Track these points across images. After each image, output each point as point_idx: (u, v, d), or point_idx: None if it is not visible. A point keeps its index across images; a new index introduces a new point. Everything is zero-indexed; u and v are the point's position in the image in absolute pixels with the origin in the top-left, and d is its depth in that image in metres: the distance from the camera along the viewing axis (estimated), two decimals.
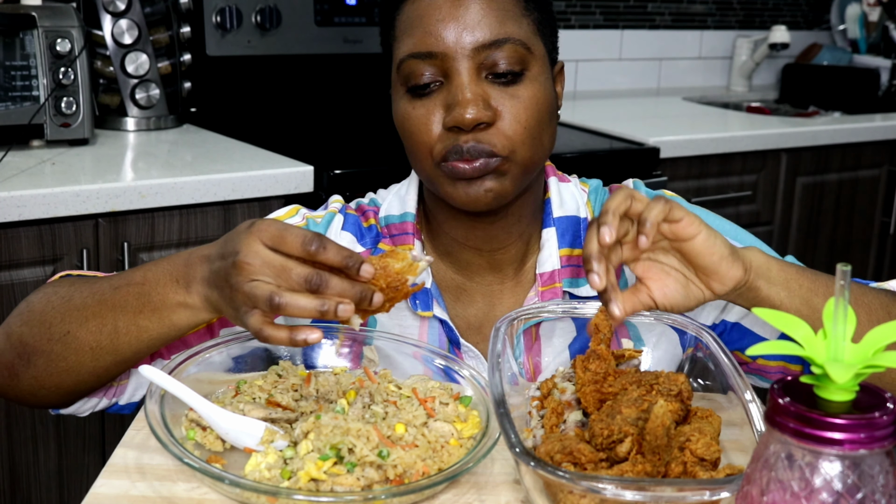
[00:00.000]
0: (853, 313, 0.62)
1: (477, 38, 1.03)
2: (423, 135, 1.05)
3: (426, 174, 1.08)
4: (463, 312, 1.16)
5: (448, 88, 1.04)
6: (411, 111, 1.06)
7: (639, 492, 0.72)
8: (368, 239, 1.17)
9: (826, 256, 3.02)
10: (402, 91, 1.07)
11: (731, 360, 0.91)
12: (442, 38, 1.03)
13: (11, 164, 1.88)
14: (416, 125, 1.05)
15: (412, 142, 1.07)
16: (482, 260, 1.15)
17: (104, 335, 0.99)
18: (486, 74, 1.04)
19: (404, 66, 1.05)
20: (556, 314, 1.04)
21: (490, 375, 0.87)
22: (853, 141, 2.94)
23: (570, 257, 1.14)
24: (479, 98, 1.02)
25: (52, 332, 1.00)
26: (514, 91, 1.04)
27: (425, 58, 1.04)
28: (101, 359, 1.00)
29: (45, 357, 1.01)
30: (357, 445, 0.83)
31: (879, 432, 0.57)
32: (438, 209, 1.14)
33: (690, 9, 3.59)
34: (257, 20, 2.45)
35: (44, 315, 1.02)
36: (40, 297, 1.04)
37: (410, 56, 1.05)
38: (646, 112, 3.10)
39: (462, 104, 1.02)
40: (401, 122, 1.08)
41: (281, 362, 1.02)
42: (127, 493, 0.83)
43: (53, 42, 1.99)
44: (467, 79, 1.03)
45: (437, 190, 1.08)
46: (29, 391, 1.04)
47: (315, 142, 2.32)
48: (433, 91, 1.05)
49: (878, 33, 3.73)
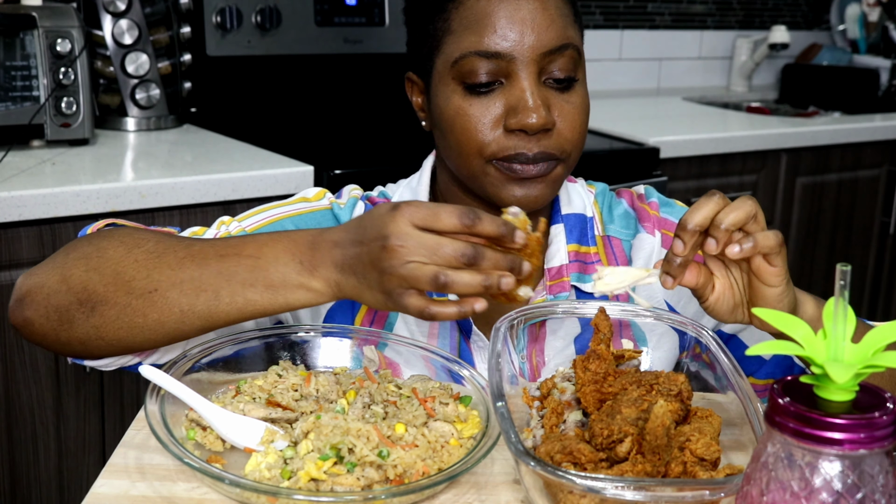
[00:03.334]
0: (853, 313, 0.62)
1: (544, 43, 1.04)
2: (479, 133, 1.05)
3: (470, 170, 1.08)
4: None
5: (510, 90, 1.04)
6: (467, 108, 1.05)
7: (639, 492, 0.72)
8: None
9: (826, 256, 3.02)
10: (456, 85, 1.06)
11: (731, 360, 0.91)
12: (511, 39, 1.03)
13: (11, 164, 1.88)
14: (471, 123, 1.05)
15: (464, 138, 1.06)
16: None
17: (201, 301, 0.94)
18: (546, 79, 1.05)
19: (465, 63, 1.04)
20: (557, 314, 1.04)
21: (490, 375, 0.87)
22: (853, 141, 2.94)
23: (578, 253, 1.16)
24: (544, 103, 1.04)
25: (134, 286, 0.95)
26: (568, 97, 1.07)
27: (490, 57, 1.03)
28: (188, 323, 0.94)
29: (119, 309, 0.95)
30: (357, 445, 0.83)
31: (879, 432, 0.57)
32: (457, 201, 1.14)
33: (690, 9, 3.59)
34: (257, 20, 2.45)
35: (122, 265, 0.96)
36: (114, 244, 0.98)
37: (475, 53, 1.04)
38: (646, 112, 3.10)
39: (529, 109, 1.03)
40: (451, 117, 1.07)
41: (281, 362, 1.02)
42: (127, 493, 0.83)
43: (54, 42, 1.99)
44: (532, 83, 1.04)
45: (481, 187, 1.08)
46: (81, 340, 0.98)
47: (315, 142, 2.32)
48: (493, 90, 1.05)
49: (877, 33, 3.73)
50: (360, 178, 2.03)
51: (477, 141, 1.05)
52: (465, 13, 1.05)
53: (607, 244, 1.18)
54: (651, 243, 1.18)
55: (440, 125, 1.09)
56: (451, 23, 1.06)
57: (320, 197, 1.19)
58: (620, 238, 1.18)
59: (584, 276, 1.15)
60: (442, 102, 1.08)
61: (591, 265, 1.16)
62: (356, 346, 1.06)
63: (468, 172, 1.08)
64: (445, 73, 1.07)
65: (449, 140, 1.08)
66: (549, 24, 1.04)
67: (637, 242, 1.18)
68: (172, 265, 0.95)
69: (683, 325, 0.99)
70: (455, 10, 1.06)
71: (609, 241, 1.18)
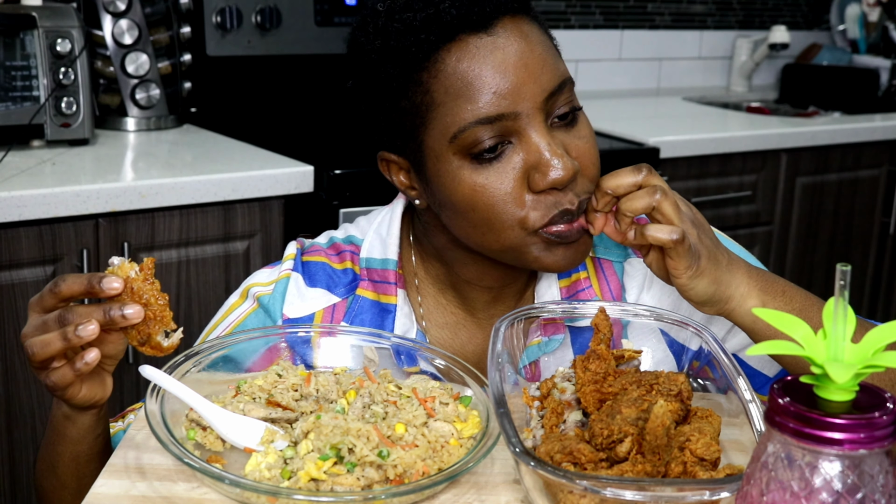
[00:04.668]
0: (853, 313, 0.62)
1: (545, 87, 0.96)
2: (508, 206, 0.96)
3: (507, 242, 0.98)
4: (461, 349, 1.13)
5: (522, 148, 0.96)
6: (484, 182, 0.96)
7: (639, 492, 0.72)
8: (342, 286, 1.10)
9: (826, 256, 3.02)
10: (460, 161, 0.96)
11: (731, 360, 0.91)
12: (512, 96, 0.94)
13: (11, 164, 1.88)
14: (495, 197, 0.95)
15: (493, 215, 0.96)
16: (489, 296, 1.11)
17: (50, 476, 1.03)
18: (551, 122, 0.97)
19: (466, 136, 0.94)
20: (556, 314, 1.04)
21: (490, 375, 0.87)
22: (853, 141, 2.94)
23: (569, 287, 1.12)
24: (562, 150, 0.96)
25: (37, 492, 1.07)
26: (577, 132, 0.99)
27: (494, 121, 0.94)
28: (63, 498, 1.03)
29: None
30: (357, 445, 0.83)
31: (879, 432, 0.57)
32: (453, 257, 1.08)
33: (690, 9, 3.59)
34: (257, 20, 2.45)
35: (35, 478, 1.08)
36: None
37: (476, 123, 0.94)
38: (646, 112, 3.10)
39: (552, 164, 0.94)
40: (468, 196, 0.96)
41: (281, 362, 1.02)
42: (127, 493, 0.83)
43: (54, 42, 1.99)
44: (543, 133, 0.96)
45: (520, 258, 1.00)
46: None
47: (315, 142, 2.33)
48: (503, 153, 0.96)
49: (877, 33, 3.73)
50: (360, 178, 2.04)
51: (510, 214, 0.96)
52: (447, 81, 0.94)
53: (598, 267, 1.13)
54: (643, 268, 1.12)
55: (453, 206, 0.98)
56: (434, 94, 0.95)
57: (245, 297, 1.13)
58: (612, 259, 1.13)
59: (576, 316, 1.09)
60: (449, 182, 0.97)
61: (583, 292, 1.11)
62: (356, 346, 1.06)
63: (502, 246, 0.99)
64: (443, 150, 0.97)
65: (471, 219, 0.98)
66: (542, 66, 0.96)
67: (629, 268, 1.13)
68: (40, 465, 1.06)
69: (684, 325, 0.99)
70: (434, 79, 0.95)
71: (599, 263, 1.13)
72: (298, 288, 1.10)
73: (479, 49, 0.94)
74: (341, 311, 1.10)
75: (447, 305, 1.13)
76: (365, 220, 1.16)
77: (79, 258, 1.80)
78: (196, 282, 1.95)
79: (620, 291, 1.12)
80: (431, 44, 0.95)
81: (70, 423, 0.99)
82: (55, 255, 1.79)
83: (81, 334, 0.87)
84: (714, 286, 0.97)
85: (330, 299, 1.10)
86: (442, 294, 1.13)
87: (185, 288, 1.93)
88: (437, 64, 0.95)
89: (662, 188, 0.96)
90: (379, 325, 1.09)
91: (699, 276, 0.96)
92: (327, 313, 1.10)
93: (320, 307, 1.10)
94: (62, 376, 0.91)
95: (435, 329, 1.13)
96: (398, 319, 1.09)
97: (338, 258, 1.12)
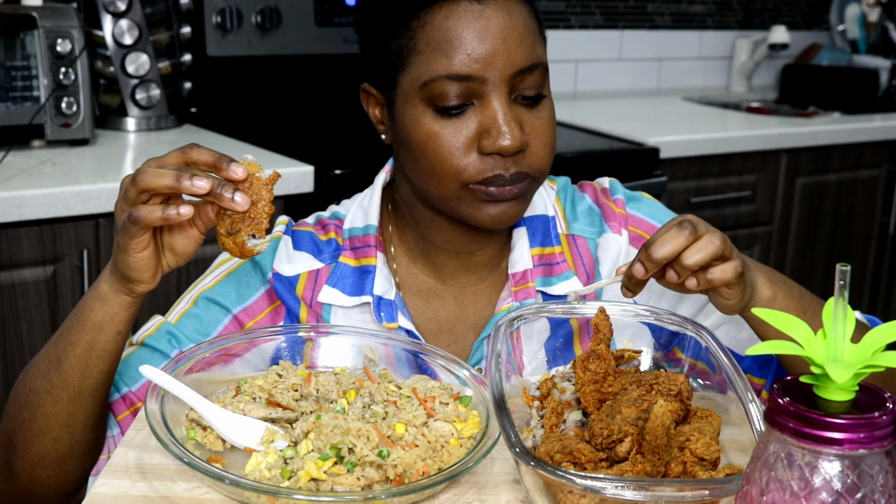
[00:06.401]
0: (852, 313, 0.62)
1: (515, 62, 1.02)
2: (453, 157, 1.03)
3: (443, 192, 1.06)
4: (434, 315, 1.16)
5: (481, 111, 1.03)
6: (439, 131, 1.03)
7: (639, 492, 0.72)
8: (327, 253, 1.16)
9: (825, 256, 3.02)
10: (425, 107, 1.04)
11: (731, 360, 0.92)
12: (482, 61, 1.01)
13: (12, 164, 1.88)
14: (444, 147, 1.03)
15: (437, 161, 1.04)
16: (457, 262, 1.15)
17: (52, 371, 1.00)
18: (515, 96, 1.04)
19: (435, 86, 1.02)
20: (556, 314, 1.04)
21: (490, 375, 0.87)
22: (853, 141, 2.94)
23: (542, 256, 1.15)
24: (516, 123, 1.03)
25: (20, 400, 1.03)
26: (537, 113, 1.05)
27: (462, 80, 1.01)
28: (58, 400, 1.00)
29: (22, 428, 1.03)
30: (357, 445, 0.83)
31: (879, 432, 0.57)
32: (419, 214, 1.14)
33: (690, 9, 3.59)
34: (257, 20, 2.45)
35: (14, 391, 1.05)
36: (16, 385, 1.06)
37: (446, 77, 1.02)
38: (646, 112, 3.10)
39: (503, 131, 1.01)
40: (422, 140, 1.04)
41: (281, 362, 1.02)
42: (127, 493, 0.83)
43: (54, 42, 1.99)
44: (503, 104, 1.02)
45: (454, 209, 1.07)
46: (25, 479, 1.04)
47: (315, 142, 2.33)
48: (464, 112, 1.03)
49: (877, 33, 3.73)
50: (360, 178, 2.03)
51: (452, 165, 1.03)
52: (431, 33, 1.02)
53: (572, 243, 1.17)
54: (618, 243, 1.17)
55: (409, 146, 1.07)
56: (418, 42, 1.03)
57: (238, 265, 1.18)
58: (585, 236, 1.17)
59: (550, 279, 1.14)
60: (410, 123, 1.05)
61: (557, 265, 1.15)
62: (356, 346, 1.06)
63: (440, 194, 1.07)
64: (413, 93, 1.04)
65: (420, 162, 1.06)
66: (520, 44, 1.02)
67: (603, 242, 1.17)
68: (35, 360, 1.04)
69: (683, 324, 0.99)
70: (421, 28, 1.03)
71: (574, 240, 1.17)
72: (287, 248, 1.16)
73: (467, 13, 1.02)
74: (324, 275, 1.15)
75: (418, 274, 1.17)
76: (348, 201, 1.22)
77: (79, 258, 1.80)
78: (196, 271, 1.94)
79: (594, 265, 1.17)
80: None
81: (100, 305, 0.98)
82: (55, 255, 1.79)
83: (195, 182, 0.88)
84: (750, 292, 1.00)
85: (314, 264, 1.15)
86: (413, 262, 1.17)
87: (185, 287, 1.93)
88: (427, 16, 1.03)
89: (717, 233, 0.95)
90: (359, 286, 1.13)
91: (743, 293, 0.99)
92: (311, 276, 1.15)
93: (305, 269, 1.15)
94: (150, 212, 0.90)
95: (409, 296, 1.17)
96: (377, 280, 1.13)
97: (323, 231, 1.18)
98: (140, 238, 0.93)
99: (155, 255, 0.96)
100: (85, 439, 1.04)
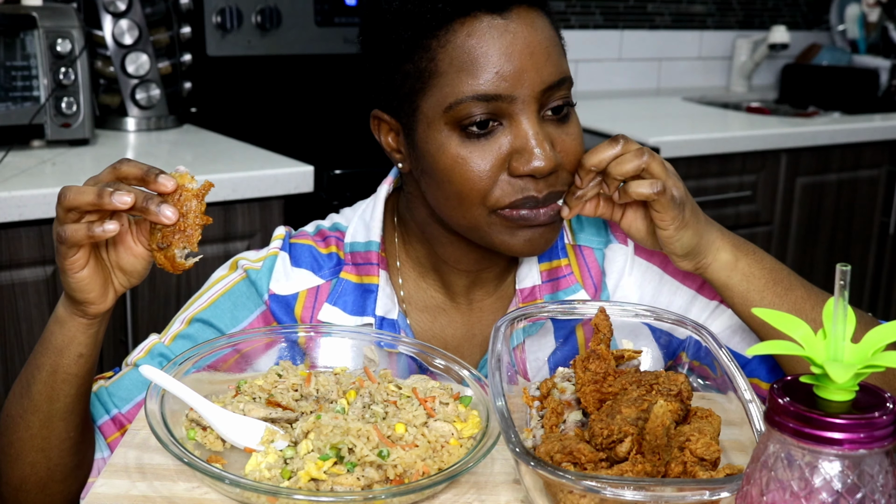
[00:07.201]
0: (853, 313, 0.62)
1: (545, 79, 0.98)
2: (481, 181, 0.98)
3: (473, 222, 1.01)
4: (441, 332, 1.14)
5: (511, 131, 0.98)
6: (467, 155, 0.98)
7: (639, 492, 0.72)
8: (327, 269, 1.12)
9: (825, 256, 3.02)
10: (450, 131, 0.98)
11: (732, 360, 0.92)
12: (512, 79, 0.96)
13: (12, 165, 1.88)
14: (473, 171, 0.98)
15: (466, 188, 0.99)
16: (466, 280, 1.13)
17: (24, 396, 1.00)
18: (543, 113, 1.00)
19: (461, 108, 0.97)
20: (555, 314, 1.04)
21: (490, 375, 0.87)
22: (853, 141, 2.94)
23: (550, 271, 1.13)
24: (548, 142, 0.98)
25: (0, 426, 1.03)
26: (566, 129, 1.02)
27: (490, 100, 0.96)
28: (30, 425, 1.00)
29: (2, 453, 1.03)
30: (357, 445, 0.83)
31: (879, 432, 0.57)
32: (433, 234, 1.09)
33: (690, 9, 3.59)
34: (257, 20, 2.45)
35: None
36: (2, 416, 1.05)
37: (473, 98, 0.96)
38: (646, 112, 3.10)
39: (535, 153, 0.97)
40: (448, 166, 0.99)
41: (281, 362, 1.02)
42: (127, 493, 0.83)
43: (54, 42, 1.99)
44: (534, 122, 0.98)
45: (486, 238, 1.02)
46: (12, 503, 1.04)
47: (315, 142, 2.33)
48: (492, 133, 0.98)
49: (877, 33, 3.73)
50: (360, 178, 2.04)
51: (480, 190, 0.98)
52: (454, 52, 0.97)
53: (579, 254, 1.14)
54: (624, 254, 1.14)
55: (433, 174, 1.01)
56: (439, 63, 0.98)
57: (234, 268, 1.14)
58: (592, 247, 1.14)
59: (556, 294, 1.12)
60: (434, 149, 1.00)
61: (564, 279, 1.12)
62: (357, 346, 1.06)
63: (469, 223, 1.02)
64: (436, 117, 0.99)
65: (445, 190, 1.01)
66: (547, 58, 0.98)
67: (610, 253, 1.14)
68: (13, 387, 1.03)
69: (683, 324, 0.99)
70: (442, 48, 0.97)
71: (580, 250, 1.14)
72: (284, 266, 1.12)
73: (491, 29, 0.97)
74: (325, 292, 1.12)
75: (427, 289, 1.14)
76: (350, 210, 1.19)
77: None
78: (197, 282, 1.95)
79: (601, 277, 1.14)
80: (447, 14, 0.98)
81: (58, 328, 0.98)
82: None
83: (115, 198, 0.87)
84: (697, 238, 1.03)
85: (314, 280, 1.12)
86: (422, 278, 1.14)
87: (185, 287, 1.93)
88: (447, 34, 0.98)
89: (647, 150, 1.01)
90: (361, 305, 1.10)
91: (685, 227, 1.02)
92: (311, 294, 1.11)
93: (304, 287, 1.11)
94: (75, 231, 0.89)
95: (415, 312, 1.14)
96: (380, 300, 1.10)
97: (323, 243, 1.14)
98: (74, 257, 0.92)
99: (100, 275, 0.94)
100: (63, 463, 1.03)
